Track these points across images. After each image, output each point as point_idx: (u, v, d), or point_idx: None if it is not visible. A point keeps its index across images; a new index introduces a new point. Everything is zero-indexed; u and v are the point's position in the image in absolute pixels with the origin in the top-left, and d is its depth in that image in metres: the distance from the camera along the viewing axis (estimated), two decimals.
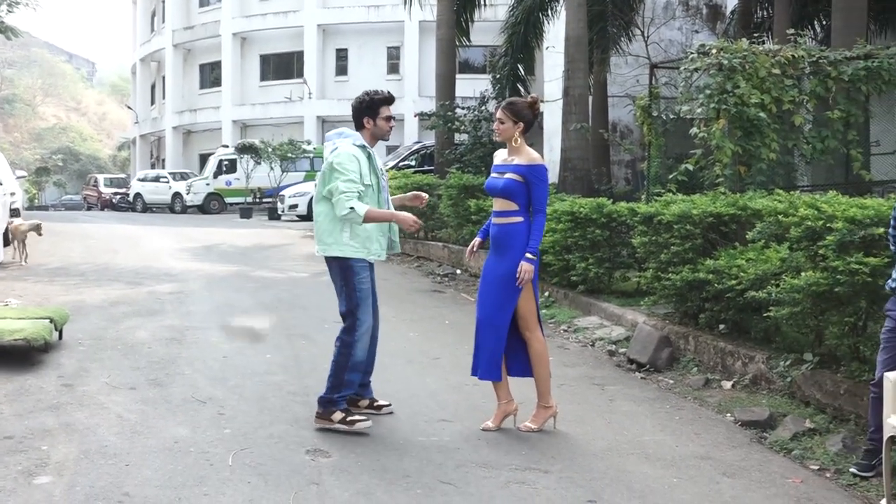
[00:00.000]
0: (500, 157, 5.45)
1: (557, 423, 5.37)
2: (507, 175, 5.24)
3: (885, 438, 4.31)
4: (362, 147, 5.20)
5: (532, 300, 5.30)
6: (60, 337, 7.38)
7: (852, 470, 4.68)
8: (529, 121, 5.30)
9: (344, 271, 5.15)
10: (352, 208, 4.96)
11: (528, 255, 5.18)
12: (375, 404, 5.56)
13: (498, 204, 5.32)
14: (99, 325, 8.19)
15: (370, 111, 5.27)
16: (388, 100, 5.34)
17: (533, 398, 5.40)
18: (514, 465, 4.70)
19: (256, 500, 4.09)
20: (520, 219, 5.23)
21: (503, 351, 5.29)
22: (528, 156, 5.28)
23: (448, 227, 13.77)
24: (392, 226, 5.38)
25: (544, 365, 5.33)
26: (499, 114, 5.33)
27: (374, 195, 5.20)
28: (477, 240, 5.53)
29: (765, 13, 16.43)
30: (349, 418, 5.08)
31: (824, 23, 15.08)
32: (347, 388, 5.18)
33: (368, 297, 5.21)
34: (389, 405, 5.58)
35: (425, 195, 5.64)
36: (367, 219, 5.03)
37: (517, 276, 5.16)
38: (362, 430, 5.06)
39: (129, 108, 51.64)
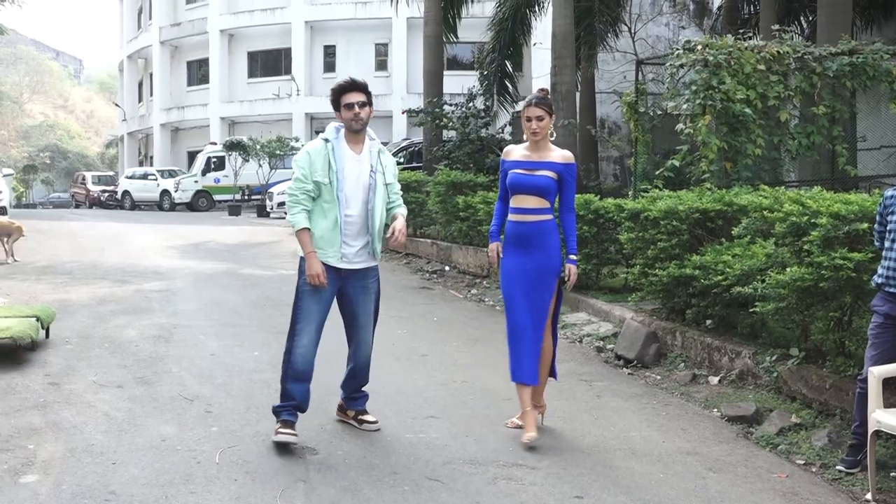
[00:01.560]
0: (517, 153, 5.22)
1: (545, 419, 5.39)
2: (543, 172, 5.08)
3: (869, 433, 4.34)
4: (326, 140, 4.92)
5: (555, 301, 5.23)
6: (47, 335, 7.36)
7: (839, 467, 4.69)
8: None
9: (299, 268, 4.95)
10: (291, 217, 4.88)
11: (573, 257, 5.16)
12: (358, 417, 5.23)
13: (529, 201, 5.09)
14: (86, 323, 8.16)
15: (334, 104, 4.98)
16: (345, 87, 4.94)
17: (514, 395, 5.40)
18: (502, 461, 4.71)
19: (244, 498, 4.09)
20: (550, 216, 5.14)
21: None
22: (562, 153, 5.16)
23: (436, 224, 13.78)
24: (374, 232, 4.93)
25: (547, 365, 5.29)
26: (537, 111, 5.06)
27: (330, 192, 4.84)
28: (497, 245, 5.28)
29: (751, 9, 16.49)
30: (277, 428, 4.81)
31: (810, 18, 15.16)
32: (287, 399, 4.89)
33: (310, 300, 4.86)
34: (375, 423, 5.19)
35: (398, 235, 4.98)
36: (298, 237, 4.87)
37: (566, 279, 5.15)
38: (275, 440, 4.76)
39: (116, 105, 51.45)
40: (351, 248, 4.91)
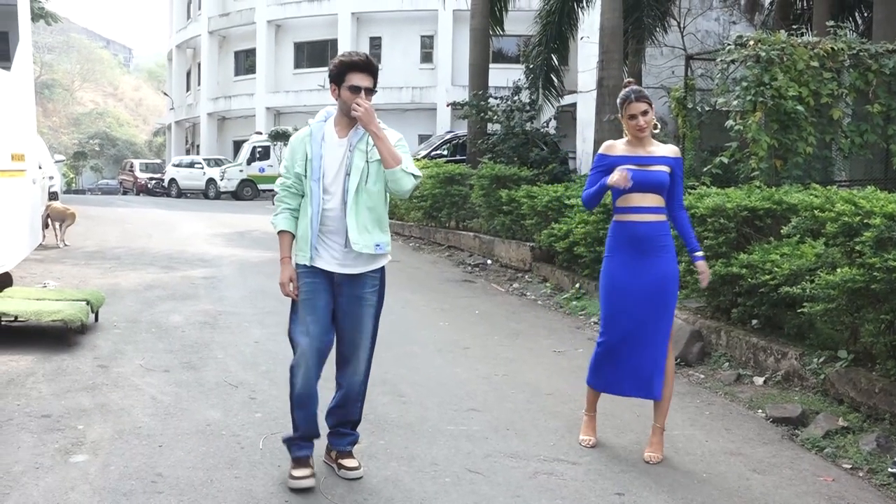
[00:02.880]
0: (621, 147, 4.83)
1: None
2: (659, 168, 4.72)
3: None
4: (312, 127, 4.22)
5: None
6: (96, 319, 7.50)
7: (892, 471, 4.59)
8: None
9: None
10: (273, 218, 4.31)
11: (700, 254, 4.92)
12: (339, 460, 4.34)
13: (647, 199, 4.70)
14: (134, 308, 8.30)
15: (337, 78, 4.10)
16: (357, 64, 4.07)
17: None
18: (543, 455, 4.70)
19: (286, 484, 4.12)
20: (665, 216, 4.79)
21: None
22: (670, 147, 4.92)
23: (479, 217, 13.77)
24: (349, 222, 4.10)
25: (671, 382, 4.86)
26: (641, 106, 4.71)
27: (307, 185, 4.15)
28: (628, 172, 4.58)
29: (804, 4, 16.21)
30: (290, 471, 4.15)
31: (866, 14, 14.85)
32: (294, 430, 4.22)
33: (302, 310, 4.21)
34: (357, 469, 4.29)
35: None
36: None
37: (701, 276, 4.94)
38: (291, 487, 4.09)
39: (164, 94, 52.19)
40: (336, 248, 4.15)
